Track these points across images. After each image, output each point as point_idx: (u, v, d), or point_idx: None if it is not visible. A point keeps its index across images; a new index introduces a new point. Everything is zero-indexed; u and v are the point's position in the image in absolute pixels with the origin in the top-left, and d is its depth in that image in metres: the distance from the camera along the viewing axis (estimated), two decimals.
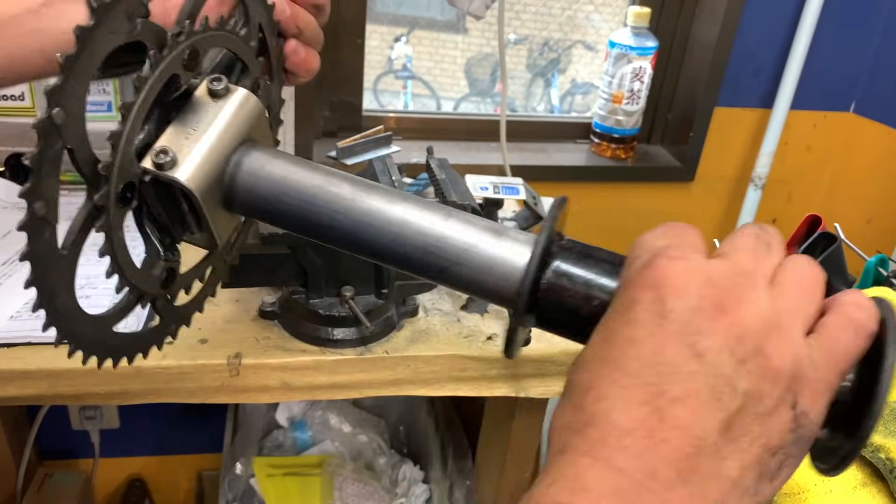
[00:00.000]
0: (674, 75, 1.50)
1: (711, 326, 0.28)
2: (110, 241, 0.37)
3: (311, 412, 1.39)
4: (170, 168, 0.37)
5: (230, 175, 0.39)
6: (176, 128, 0.39)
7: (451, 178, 0.84)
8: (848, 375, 0.31)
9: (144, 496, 1.60)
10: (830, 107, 1.52)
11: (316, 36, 0.52)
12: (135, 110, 0.36)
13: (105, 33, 0.34)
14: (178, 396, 0.72)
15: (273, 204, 0.39)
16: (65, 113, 0.32)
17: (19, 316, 0.75)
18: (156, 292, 0.42)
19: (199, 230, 0.41)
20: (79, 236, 0.35)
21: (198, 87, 0.40)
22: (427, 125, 1.49)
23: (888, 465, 0.63)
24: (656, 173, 1.51)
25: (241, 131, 0.40)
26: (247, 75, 0.46)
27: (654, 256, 0.30)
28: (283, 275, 0.74)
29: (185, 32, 0.38)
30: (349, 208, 0.38)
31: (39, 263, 0.34)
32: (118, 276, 0.38)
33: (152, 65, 0.37)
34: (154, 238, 0.40)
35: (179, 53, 0.38)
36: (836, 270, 0.84)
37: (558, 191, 1.24)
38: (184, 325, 0.48)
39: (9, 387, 0.69)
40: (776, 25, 1.40)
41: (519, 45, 2.22)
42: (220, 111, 0.40)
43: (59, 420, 1.46)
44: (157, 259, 0.41)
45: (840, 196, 1.59)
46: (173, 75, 0.38)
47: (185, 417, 1.55)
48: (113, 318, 0.40)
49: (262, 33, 0.47)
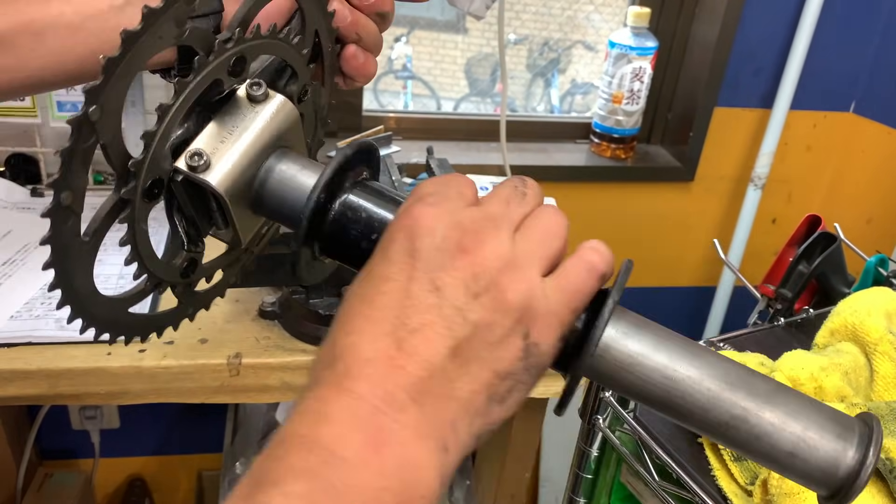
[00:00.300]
0: (674, 75, 1.50)
1: (452, 264, 0.31)
2: (132, 232, 0.38)
3: None
4: (202, 171, 0.38)
5: (261, 180, 0.40)
6: (213, 130, 0.39)
7: None
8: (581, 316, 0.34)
9: (144, 496, 1.60)
10: (830, 107, 1.52)
11: (376, 42, 0.52)
12: (171, 113, 0.37)
13: (153, 38, 0.35)
14: (178, 396, 0.72)
15: (300, 210, 0.40)
16: (101, 111, 0.33)
17: (19, 316, 0.75)
18: (175, 280, 0.42)
19: (224, 227, 0.41)
20: (102, 225, 0.37)
21: (238, 89, 0.41)
22: (427, 125, 1.49)
23: (888, 465, 0.63)
24: (656, 173, 1.51)
25: (276, 137, 0.41)
26: (295, 81, 0.46)
27: (415, 201, 0.33)
28: (283, 275, 0.74)
29: (233, 39, 0.39)
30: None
31: (60, 249, 0.34)
32: (137, 263, 0.39)
33: (195, 70, 0.37)
34: (181, 229, 0.41)
35: (225, 60, 0.39)
36: (836, 270, 0.84)
37: (558, 191, 1.24)
38: (203, 309, 0.48)
39: (9, 387, 0.69)
40: (776, 25, 1.40)
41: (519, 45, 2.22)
42: (257, 116, 0.40)
43: (59, 420, 1.46)
44: (181, 249, 0.42)
45: (840, 196, 1.59)
46: (216, 80, 0.39)
47: (185, 417, 1.55)
48: (129, 301, 0.41)
49: (318, 38, 0.47)
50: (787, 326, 0.82)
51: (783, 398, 0.34)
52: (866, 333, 0.68)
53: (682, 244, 1.61)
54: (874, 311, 0.69)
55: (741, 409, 0.34)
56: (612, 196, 1.51)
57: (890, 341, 0.67)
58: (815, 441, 0.33)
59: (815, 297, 0.86)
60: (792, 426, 0.34)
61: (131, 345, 0.72)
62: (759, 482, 0.58)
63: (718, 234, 1.59)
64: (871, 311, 0.69)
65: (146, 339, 0.44)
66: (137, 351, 0.72)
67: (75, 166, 0.33)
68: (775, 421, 0.34)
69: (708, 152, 1.49)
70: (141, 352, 0.71)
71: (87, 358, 0.70)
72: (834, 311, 0.72)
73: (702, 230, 1.60)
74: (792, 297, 0.82)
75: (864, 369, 0.68)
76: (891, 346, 0.67)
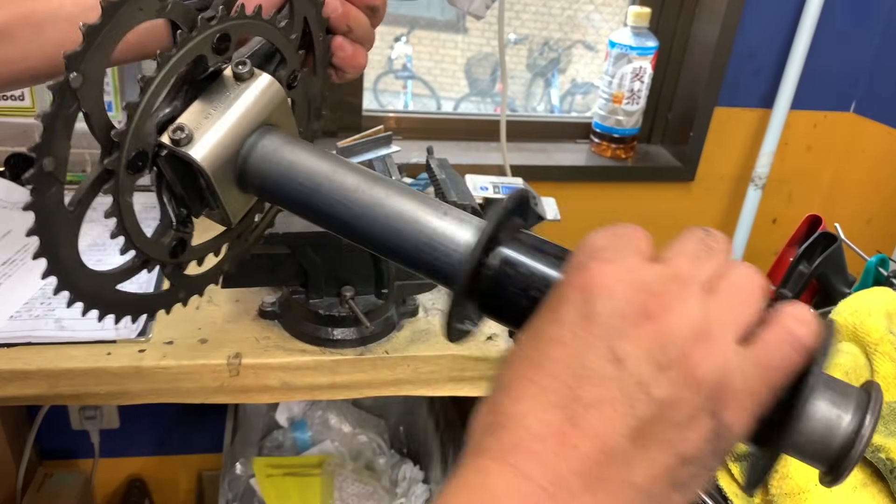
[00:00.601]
0: (674, 75, 1.50)
1: (635, 332, 0.27)
2: (117, 205, 0.38)
3: (311, 412, 1.39)
4: (185, 144, 0.38)
5: (244, 156, 0.41)
6: (198, 106, 0.40)
7: (451, 178, 0.84)
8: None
9: (144, 496, 1.60)
10: (830, 107, 1.52)
11: (366, 35, 0.52)
12: (154, 85, 0.37)
13: (133, 9, 0.36)
14: (178, 396, 0.72)
15: (281, 187, 0.40)
16: (82, 78, 0.34)
17: (19, 316, 0.75)
18: (163, 259, 0.43)
19: (216, 206, 0.42)
20: (86, 196, 0.37)
21: (225, 69, 0.41)
22: (427, 125, 1.49)
23: (888, 465, 0.63)
24: (656, 173, 1.51)
25: (261, 115, 0.41)
26: (284, 66, 0.46)
27: (588, 258, 0.30)
28: (283, 275, 0.74)
29: (217, 17, 0.39)
30: (351, 199, 0.39)
31: (44, 216, 0.35)
32: (123, 238, 0.40)
33: (177, 44, 0.38)
34: (169, 207, 0.42)
35: (209, 36, 0.39)
36: (836, 270, 0.84)
37: (558, 191, 1.24)
38: (196, 295, 0.48)
39: (9, 387, 0.69)
40: (776, 25, 1.40)
41: (519, 45, 2.21)
42: (241, 94, 0.41)
43: (59, 420, 1.46)
44: (169, 228, 0.42)
45: (840, 196, 1.59)
46: (200, 56, 0.39)
47: (185, 417, 1.55)
48: (116, 277, 0.41)
49: (308, 28, 0.48)
50: None
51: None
52: (867, 333, 0.68)
53: None
54: (874, 311, 0.69)
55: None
56: (613, 196, 1.51)
57: (890, 341, 0.67)
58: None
59: (816, 297, 0.86)
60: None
61: (131, 344, 0.72)
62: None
63: None
64: (872, 311, 0.69)
65: (136, 320, 0.44)
66: (137, 351, 0.71)
67: (57, 133, 0.34)
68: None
69: (708, 152, 1.49)
70: (141, 352, 0.71)
71: (87, 358, 0.70)
72: (834, 311, 0.72)
73: None
74: (792, 296, 0.82)
75: (865, 369, 0.68)
76: (891, 346, 0.67)
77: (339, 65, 0.52)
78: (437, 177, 0.84)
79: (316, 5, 0.47)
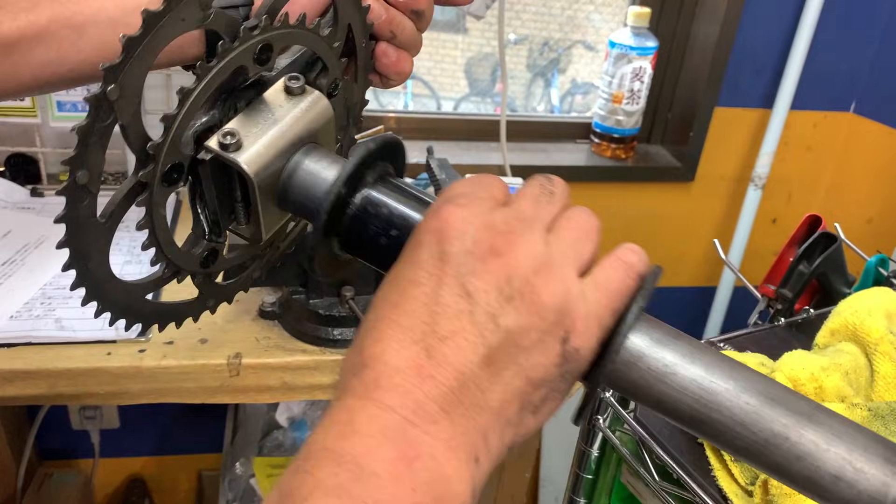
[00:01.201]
0: (674, 75, 1.50)
1: (483, 268, 0.30)
2: (150, 216, 0.38)
3: (311, 412, 1.39)
4: (233, 151, 0.38)
5: (289, 172, 0.40)
6: (246, 116, 0.39)
7: (451, 178, 0.84)
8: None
9: (144, 496, 1.60)
10: (830, 107, 1.52)
11: (412, 40, 0.50)
12: (193, 97, 0.36)
13: (175, 19, 0.35)
14: (178, 396, 0.72)
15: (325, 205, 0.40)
16: (119, 90, 0.33)
17: (19, 316, 0.75)
18: (194, 269, 0.42)
19: (245, 221, 0.41)
20: (119, 207, 0.36)
21: (275, 82, 0.41)
22: (427, 125, 1.49)
23: None
24: (656, 173, 1.51)
25: (308, 132, 0.41)
26: (325, 74, 0.45)
27: (444, 202, 0.32)
28: (283, 275, 0.74)
29: (260, 27, 0.38)
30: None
31: (75, 227, 0.34)
32: (155, 249, 0.39)
33: (218, 55, 0.37)
34: (203, 217, 0.41)
35: (251, 47, 0.38)
36: (836, 270, 0.84)
37: None
38: (225, 303, 0.48)
39: (9, 387, 0.69)
40: (776, 25, 1.40)
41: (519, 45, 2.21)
42: (291, 109, 0.40)
43: (59, 420, 1.46)
44: (202, 238, 0.42)
45: (840, 196, 1.59)
46: (240, 66, 0.38)
47: (185, 417, 1.55)
48: (146, 288, 0.41)
49: (351, 34, 0.46)
50: (788, 327, 0.81)
51: (825, 418, 0.32)
52: (867, 333, 0.67)
53: (683, 244, 1.61)
54: (874, 311, 0.69)
55: (782, 425, 0.31)
56: (613, 196, 1.51)
57: (890, 341, 0.67)
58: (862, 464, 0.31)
59: (816, 297, 0.86)
60: (837, 446, 0.31)
61: (131, 344, 0.73)
62: (759, 482, 0.58)
63: (718, 234, 1.59)
64: (872, 311, 0.69)
65: (163, 328, 0.43)
66: (137, 351, 0.72)
67: (92, 145, 0.33)
68: (818, 440, 0.31)
69: (708, 152, 1.49)
70: (141, 352, 0.71)
71: (87, 358, 0.70)
72: (834, 311, 0.72)
73: (702, 230, 1.60)
74: (792, 297, 0.82)
75: (865, 369, 0.68)
76: (891, 347, 0.67)
77: (383, 71, 0.51)
78: (437, 177, 0.84)
79: (361, 12, 0.46)
